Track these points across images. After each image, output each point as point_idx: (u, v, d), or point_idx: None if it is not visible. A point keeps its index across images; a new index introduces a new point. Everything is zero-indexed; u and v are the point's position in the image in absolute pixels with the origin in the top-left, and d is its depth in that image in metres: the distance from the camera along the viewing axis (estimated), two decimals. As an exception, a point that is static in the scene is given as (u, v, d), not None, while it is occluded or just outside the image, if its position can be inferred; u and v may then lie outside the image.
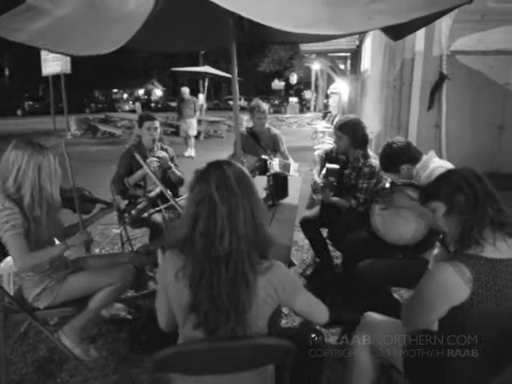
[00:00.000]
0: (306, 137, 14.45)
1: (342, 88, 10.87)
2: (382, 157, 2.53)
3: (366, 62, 6.79)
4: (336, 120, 6.42)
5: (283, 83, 32.33)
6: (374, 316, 1.72)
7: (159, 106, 28.79)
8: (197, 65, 25.88)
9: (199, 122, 12.65)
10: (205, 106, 12.52)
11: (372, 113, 5.95)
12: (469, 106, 4.00)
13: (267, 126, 4.14)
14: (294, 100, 26.66)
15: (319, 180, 3.27)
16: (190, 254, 1.23)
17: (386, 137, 4.90)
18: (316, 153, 3.63)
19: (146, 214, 2.59)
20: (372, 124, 5.82)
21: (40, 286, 2.04)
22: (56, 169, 2.01)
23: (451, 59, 3.87)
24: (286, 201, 2.89)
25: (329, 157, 3.42)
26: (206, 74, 11.41)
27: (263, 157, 3.93)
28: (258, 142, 4.05)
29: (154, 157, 3.28)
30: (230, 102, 31.27)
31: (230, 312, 1.19)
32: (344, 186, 3.03)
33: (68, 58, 10.16)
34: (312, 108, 28.72)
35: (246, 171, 1.29)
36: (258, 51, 28.75)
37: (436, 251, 1.69)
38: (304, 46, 8.35)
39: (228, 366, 1.25)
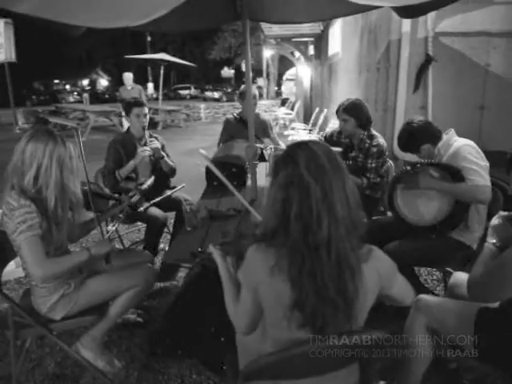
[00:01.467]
0: (265, 124, 14.40)
1: (303, 74, 10.86)
2: (402, 136, 2.48)
3: (335, 47, 6.78)
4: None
5: (233, 71, 32.03)
6: (428, 298, 1.69)
7: (107, 96, 27.53)
8: (145, 52, 24.98)
9: (156, 111, 12.20)
10: (160, 95, 12.06)
11: (347, 96, 5.94)
12: (452, 87, 4.09)
13: (256, 111, 4.02)
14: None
15: None
16: (283, 245, 1.10)
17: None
18: (315, 136, 3.56)
19: (141, 208, 2.40)
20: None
21: (56, 293, 1.80)
22: (77, 162, 1.79)
23: (435, 41, 3.91)
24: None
25: (328, 140, 3.36)
26: (161, 61, 10.95)
27: (257, 145, 3.81)
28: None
29: (147, 146, 3.08)
30: (181, 92, 30.74)
31: (338, 304, 1.08)
32: (350, 168, 2.98)
33: (12, 46, 9.36)
34: (265, 95, 28.72)
35: (333, 149, 1.19)
36: (205, 38, 28.16)
37: (496, 222, 1.65)
38: (269, 31, 8.22)
39: (330, 366, 1.15)
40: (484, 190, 2.15)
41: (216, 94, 26.42)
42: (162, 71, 11.09)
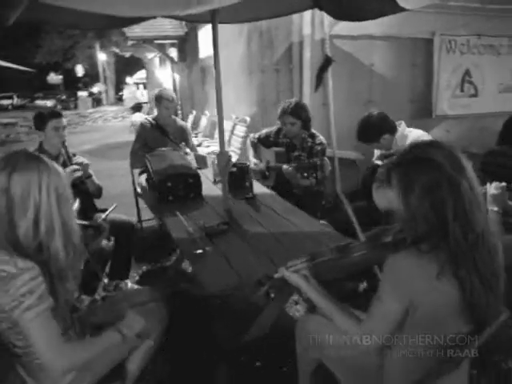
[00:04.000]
0: (119, 131, 13.62)
1: (163, 77, 10.51)
2: (363, 128, 2.62)
3: (209, 49, 6.73)
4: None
5: (60, 76, 29.15)
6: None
7: None
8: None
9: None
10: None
11: (233, 98, 5.99)
12: (346, 85, 4.47)
13: (173, 116, 3.76)
14: (83, 94, 24.43)
15: (262, 165, 3.21)
16: (441, 248, 1.08)
17: (264, 119, 5.04)
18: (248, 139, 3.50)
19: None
20: (237, 108, 5.88)
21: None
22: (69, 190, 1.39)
23: (331, 43, 4.22)
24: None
25: (264, 142, 3.35)
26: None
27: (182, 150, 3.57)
28: (167, 135, 3.64)
29: (74, 164, 2.62)
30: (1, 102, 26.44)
31: (493, 288, 1.12)
32: (300, 168, 3.02)
33: None
34: (104, 101, 26.95)
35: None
36: (26, 40, 24.89)
37: (494, 191, 1.79)
38: (130, 33, 7.71)
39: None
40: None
41: (49, 103, 23.61)
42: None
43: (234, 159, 4.88)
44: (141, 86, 21.13)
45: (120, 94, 25.34)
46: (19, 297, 1.18)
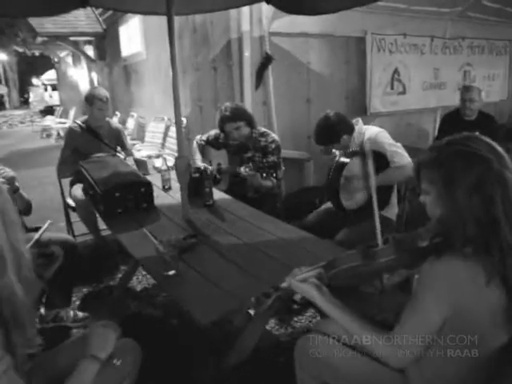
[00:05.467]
0: (29, 137, 12.50)
1: (79, 77, 9.72)
2: (322, 130, 2.55)
3: (133, 47, 6.30)
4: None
5: None
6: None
7: None
8: None
9: None
10: None
11: (163, 98, 5.66)
12: (285, 83, 4.40)
13: (107, 118, 3.39)
14: (-19, 97, 21.98)
15: (212, 167, 3.02)
16: (490, 251, 0.98)
17: (201, 118, 4.80)
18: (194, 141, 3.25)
19: None
20: (169, 109, 5.55)
21: None
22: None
23: (270, 40, 4.11)
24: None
25: (213, 144, 3.16)
26: None
27: (120, 155, 3.25)
28: (100, 139, 3.29)
29: None
30: None
31: None
32: (256, 167, 2.86)
33: None
34: (7, 105, 24.56)
35: None
36: None
37: None
38: (41, 29, 6.97)
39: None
40: (410, 167, 2.41)
41: None
42: None
43: (170, 163, 4.58)
44: (49, 88, 19.51)
45: (25, 96, 23.23)
46: None
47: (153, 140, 5.54)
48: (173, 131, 5.09)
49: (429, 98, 5.56)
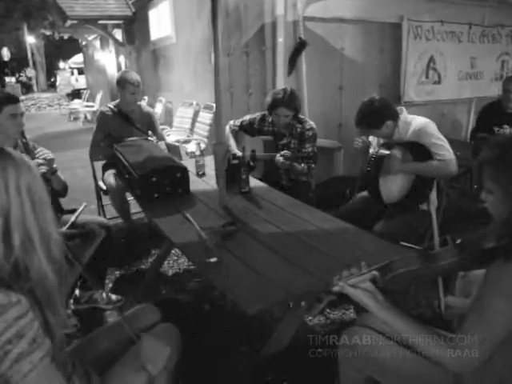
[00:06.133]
0: (56, 120, 12.70)
1: (106, 61, 9.77)
2: (366, 113, 2.47)
3: (163, 31, 6.27)
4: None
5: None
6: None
7: None
8: None
9: None
10: None
11: (194, 82, 5.63)
12: (318, 70, 4.30)
13: (138, 102, 3.38)
14: (11, 80, 22.35)
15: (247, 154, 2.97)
16: None
17: (232, 104, 4.75)
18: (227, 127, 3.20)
19: None
20: (198, 94, 5.53)
21: None
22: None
23: (304, 25, 4.01)
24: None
25: (247, 129, 3.12)
26: None
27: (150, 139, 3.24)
28: (132, 123, 3.28)
29: (37, 158, 2.26)
30: None
31: None
32: (293, 157, 2.81)
33: None
34: (35, 88, 24.96)
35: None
36: None
37: None
38: (70, 11, 7.00)
39: None
40: (453, 163, 2.33)
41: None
42: None
43: (193, 149, 4.56)
44: (75, 72, 19.72)
45: (52, 79, 23.55)
46: (4, 344, 0.87)
47: (181, 125, 5.52)
48: (202, 116, 5.07)
49: (464, 89, 5.37)
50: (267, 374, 1.65)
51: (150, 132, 3.44)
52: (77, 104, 12.06)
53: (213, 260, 1.56)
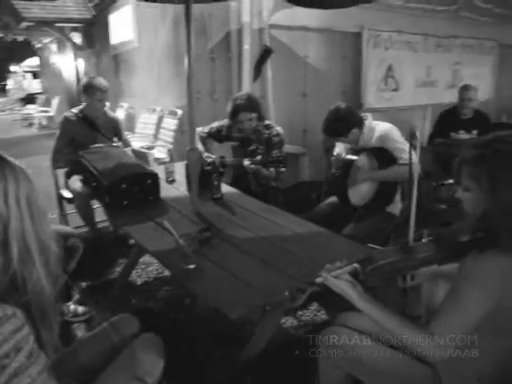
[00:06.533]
0: (9, 126, 12.21)
1: (62, 65, 9.45)
2: (332, 122, 2.54)
3: (124, 35, 6.16)
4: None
5: None
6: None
7: None
8: None
9: None
10: None
11: (156, 88, 5.57)
12: (282, 77, 4.38)
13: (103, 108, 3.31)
14: (-43, 84, 21.13)
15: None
16: None
17: (197, 110, 4.73)
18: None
19: None
20: (162, 100, 5.47)
21: None
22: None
23: (269, 33, 4.08)
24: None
25: (215, 136, 3.12)
26: None
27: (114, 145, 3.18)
28: (97, 129, 3.21)
29: None
30: None
31: None
32: (263, 162, 2.83)
33: None
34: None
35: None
36: None
37: None
38: (27, 13, 6.74)
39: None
40: (416, 166, 2.43)
41: None
42: None
43: (162, 155, 4.51)
44: (28, 76, 18.95)
45: (3, 83, 22.50)
46: (1, 358, 0.84)
47: (144, 131, 5.43)
48: (166, 122, 5.02)
49: (420, 96, 5.62)
50: (246, 378, 1.65)
51: (115, 138, 3.37)
52: (31, 109, 11.60)
53: (191, 266, 1.55)
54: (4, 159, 0.95)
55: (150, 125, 5.46)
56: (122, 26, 6.25)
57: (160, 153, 4.17)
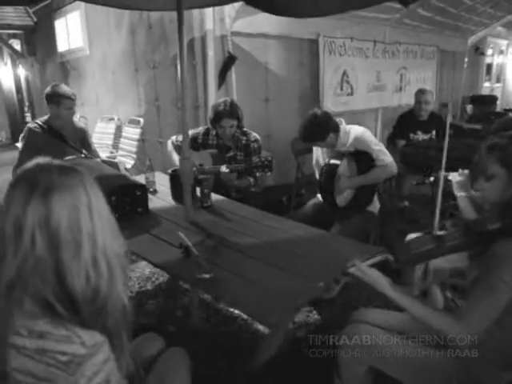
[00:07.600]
0: None
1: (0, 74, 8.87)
2: (309, 128, 2.62)
3: (73, 42, 5.91)
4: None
5: None
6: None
7: None
8: None
9: None
10: None
11: (113, 97, 5.41)
12: (245, 83, 4.42)
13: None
14: None
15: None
16: None
17: (160, 118, 4.66)
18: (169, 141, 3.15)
19: None
20: (119, 109, 5.32)
21: None
22: None
23: (232, 40, 4.10)
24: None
25: (190, 144, 3.09)
26: None
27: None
28: (64, 140, 3.09)
29: None
30: None
31: None
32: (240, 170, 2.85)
33: None
34: None
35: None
36: None
37: (459, 178, 1.90)
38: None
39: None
40: (393, 164, 2.57)
41: None
42: None
43: (129, 165, 4.39)
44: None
45: None
46: None
47: (101, 141, 5.24)
48: (127, 131, 4.88)
49: (372, 99, 5.91)
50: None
51: (82, 149, 3.24)
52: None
53: (207, 276, 1.54)
54: (82, 173, 0.90)
55: (108, 134, 5.29)
56: (69, 33, 6.00)
57: (127, 163, 4.05)
